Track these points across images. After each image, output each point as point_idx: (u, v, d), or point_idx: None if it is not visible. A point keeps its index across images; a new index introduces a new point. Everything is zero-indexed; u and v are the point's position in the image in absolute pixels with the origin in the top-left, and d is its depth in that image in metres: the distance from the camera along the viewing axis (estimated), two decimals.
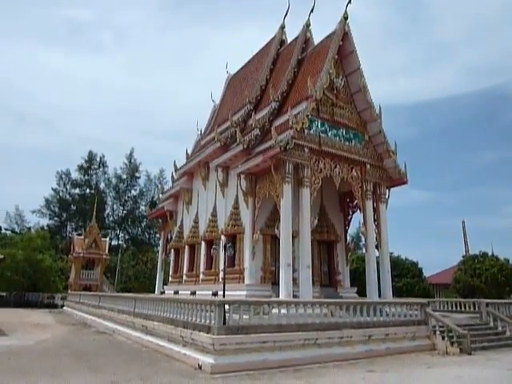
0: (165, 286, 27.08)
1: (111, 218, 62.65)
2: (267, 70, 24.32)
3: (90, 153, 63.91)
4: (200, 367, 8.31)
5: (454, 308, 20.23)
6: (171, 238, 28.20)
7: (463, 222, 50.93)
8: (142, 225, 61.91)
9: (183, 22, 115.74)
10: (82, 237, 34.43)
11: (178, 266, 25.83)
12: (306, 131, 18.00)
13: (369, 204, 19.59)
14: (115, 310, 16.03)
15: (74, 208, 60.25)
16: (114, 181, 64.30)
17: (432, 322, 12.13)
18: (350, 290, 21.22)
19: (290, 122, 17.29)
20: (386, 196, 20.59)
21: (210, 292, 18.43)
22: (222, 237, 20.73)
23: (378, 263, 19.50)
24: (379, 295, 19.06)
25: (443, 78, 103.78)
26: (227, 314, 8.73)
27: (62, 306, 29.82)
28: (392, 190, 21.21)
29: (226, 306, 8.76)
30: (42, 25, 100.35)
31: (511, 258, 31.24)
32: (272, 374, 8.08)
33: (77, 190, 62.03)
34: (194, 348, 8.95)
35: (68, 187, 62.21)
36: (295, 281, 16.74)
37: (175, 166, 26.59)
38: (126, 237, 62.25)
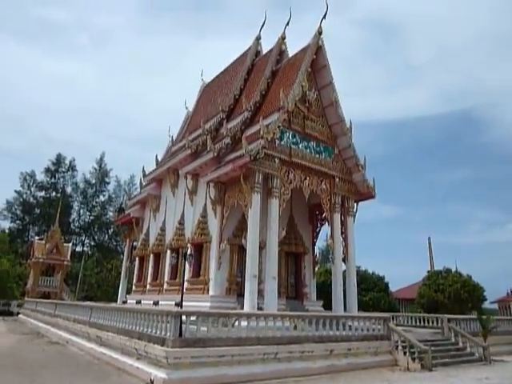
0: (127, 296, 26.17)
1: (77, 224, 60.55)
2: (241, 80, 24.28)
3: (59, 155, 61.95)
4: (152, 382, 7.85)
5: (418, 323, 20.44)
6: (136, 245, 27.38)
7: (429, 238, 52.07)
8: (110, 231, 60.13)
9: (163, 28, 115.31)
10: (43, 241, 32.94)
11: (142, 275, 25.05)
12: (277, 142, 17.94)
13: (337, 217, 19.65)
14: (70, 320, 15.19)
15: (38, 211, 57.90)
16: (82, 185, 62.41)
17: (395, 337, 12.09)
18: (316, 303, 21.12)
19: (261, 132, 17.18)
20: (354, 209, 20.74)
21: (173, 302, 17.86)
22: (189, 246, 20.26)
23: (345, 277, 19.52)
24: (345, 309, 19.03)
25: (415, 98, 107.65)
26: (184, 326, 8.33)
27: (18, 314, 28.24)
28: (361, 204, 21.42)
29: (184, 317, 8.36)
30: (16, 22, 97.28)
31: (474, 274, 32.11)
32: None
33: (42, 193, 59.80)
34: (148, 361, 8.47)
35: (32, 189, 59.90)
36: (261, 292, 16.48)
37: (144, 171, 25.96)
38: (92, 243, 60.23)
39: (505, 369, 11.74)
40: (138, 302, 22.54)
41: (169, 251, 22.04)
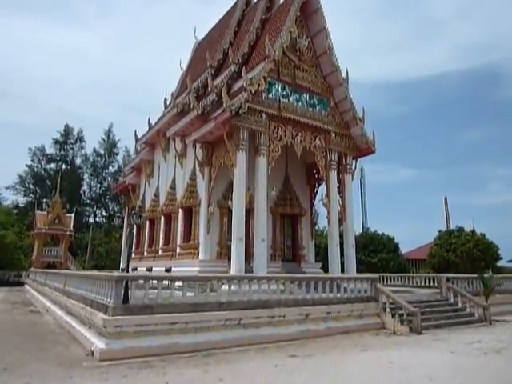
0: (130, 263, 25.91)
1: (88, 195, 60.91)
2: (231, 33, 22.57)
3: (67, 126, 61.45)
4: (92, 353, 7.18)
5: (423, 283, 19.49)
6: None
7: (445, 198, 50.34)
8: (121, 202, 60.30)
9: None
10: (45, 212, 32.96)
11: (139, 242, 24.68)
12: (263, 95, 16.57)
13: (333, 175, 18.41)
14: (52, 288, 14.86)
15: (49, 184, 58.27)
16: (91, 157, 62.23)
17: (383, 298, 11.14)
18: (315, 265, 20.31)
19: (244, 84, 15.81)
20: (353, 167, 19.42)
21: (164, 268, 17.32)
22: (180, 210, 19.52)
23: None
24: (343, 271, 18.16)
25: (434, 55, 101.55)
26: (130, 292, 7.56)
27: (24, 284, 28.64)
28: (377, 167, 20.27)
29: (130, 283, 7.58)
30: None
31: (494, 234, 30.64)
32: (173, 361, 7.00)
33: (52, 166, 59.97)
34: (95, 330, 7.80)
35: (43, 163, 60.09)
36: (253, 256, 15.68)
37: (136, 136, 24.99)
38: (104, 213, 60.76)
39: (503, 330, 10.72)
40: (135, 269, 22.15)
41: (162, 217, 21.40)
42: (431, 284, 17.90)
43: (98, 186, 61.29)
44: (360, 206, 53.69)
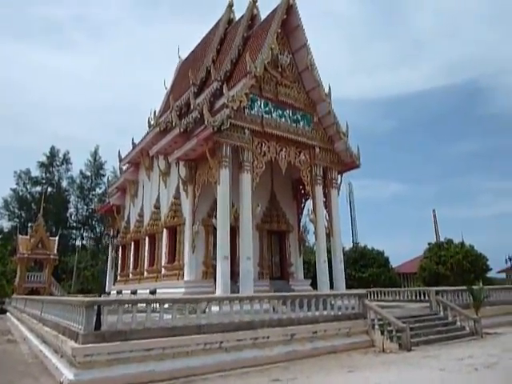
0: (112, 286, 25.23)
1: (75, 218, 59.82)
2: (214, 51, 22.68)
3: (52, 148, 60.71)
4: None
5: (414, 298, 19.21)
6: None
7: (433, 211, 50.48)
8: (107, 223, 59.32)
9: (161, 16, 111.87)
10: (28, 236, 32.14)
11: (124, 264, 24.05)
12: (246, 111, 16.51)
13: (318, 189, 18.26)
14: (30, 315, 14.22)
15: (35, 207, 57.16)
16: (78, 179, 61.43)
17: (371, 315, 10.80)
18: (304, 283, 19.93)
19: (225, 101, 15.73)
20: (338, 181, 19.32)
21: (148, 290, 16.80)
22: (164, 230, 19.10)
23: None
24: (332, 287, 17.81)
25: (419, 72, 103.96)
26: (102, 317, 7.14)
27: (6, 312, 27.61)
28: (367, 182, 20.41)
29: (102, 308, 7.16)
30: (17, 22, 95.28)
31: (483, 246, 30.58)
32: None
33: (37, 188, 58.93)
34: (66, 360, 7.32)
35: (28, 186, 59.06)
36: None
37: (119, 156, 24.66)
38: (92, 236, 59.61)
39: (495, 343, 10.42)
40: (119, 293, 21.52)
41: (147, 238, 20.91)
42: (421, 298, 17.64)
43: (85, 207, 60.28)
44: (350, 222, 53.74)
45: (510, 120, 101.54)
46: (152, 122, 21.08)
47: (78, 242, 58.32)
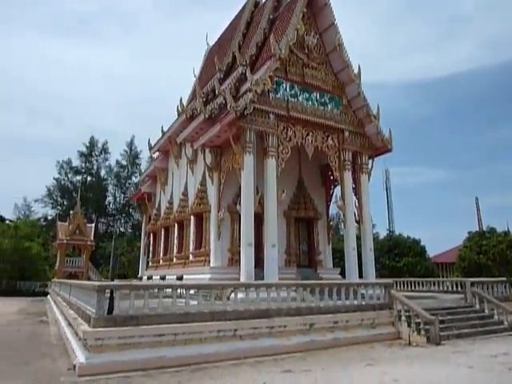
0: (144, 271, 25.83)
1: (113, 206, 61.88)
2: (240, 35, 22.25)
3: (92, 139, 62.83)
4: (74, 368, 6.76)
5: (450, 289, 18.31)
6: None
7: (476, 199, 48.14)
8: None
9: (194, 6, 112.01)
10: (67, 223, 33.50)
11: (155, 250, 24.49)
12: (271, 95, 16.05)
13: (347, 175, 17.57)
14: (62, 298, 14.71)
15: (76, 196, 59.60)
16: (115, 168, 63.36)
17: (398, 305, 10.24)
18: (333, 271, 19.40)
19: (249, 84, 15.34)
20: (369, 166, 18.51)
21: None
22: (192, 217, 19.16)
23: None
24: (361, 276, 17.25)
25: (461, 52, 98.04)
26: (115, 301, 7.11)
27: (47, 295, 29.06)
28: (407, 169, 19.29)
29: (116, 292, 7.13)
30: (51, 18, 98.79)
31: None
32: (157, 376, 6.46)
33: (78, 178, 61.30)
34: (82, 343, 7.38)
35: (69, 176, 61.55)
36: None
37: (149, 144, 24.94)
38: (129, 223, 61.54)
39: None
40: (150, 278, 21.99)
41: (176, 224, 21.11)
42: (457, 289, 16.73)
43: (122, 196, 62.17)
44: (386, 209, 52.15)
45: None
46: (179, 110, 21.08)
47: (116, 229, 60.37)
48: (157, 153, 25.82)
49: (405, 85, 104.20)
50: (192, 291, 8.50)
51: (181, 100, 19.99)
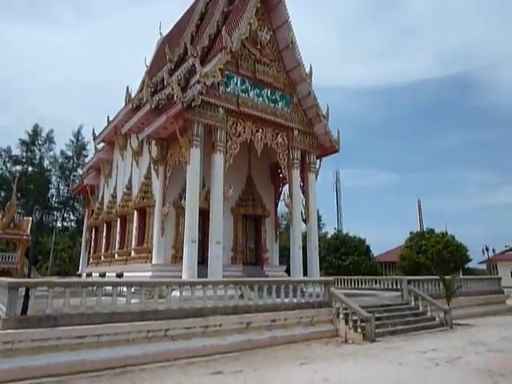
0: (85, 268, 24.51)
1: (56, 199, 58.61)
2: (193, 26, 21.63)
3: (36, 126, 59.04)
4: None
5: (390, 286, 18.90)
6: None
7: (419, 201, 50.35)
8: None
9: None
10: (0, 216, 31.13)
11: (97, 246, 23.30)
12: (221, 88, 15.68)
13: (295, 173, 17.59)
14: None
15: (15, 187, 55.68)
16: (60, 159, 60.02)
17: (336, 303, 10.30)
18: (279, 269, 19.40)
19: (198, 76, 14.88)
20: (317, 165, 18.67)
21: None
22: (135, 212, 18.35)
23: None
24: (306, 274, 17.35)
25: (412, 62, 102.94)
26: (30, 301, 6.47)
27: None
28: (356, 171, 19.66)
29: (33, 290, 6.47)
30: None
31: (468, 237, 30.36)
32: (74, 382, 5.93)
33: (18, 168, 57.42)
34: None
35: (8, 165, 57.53)
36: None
37: (94, 134, 23.66)
38: (72, 218, 58.59)
39: (463, 335, 10.02)
40: (89, 275, 20.86)
41: (118, 219, 20.15)
42: (397, 287, 17.31)
43: (66, 188, 59.03)
44: (335, 210, 53.55)
45: (500, 113, 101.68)
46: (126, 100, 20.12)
47: (59, 224, 57.31)
48: (102, 144, 24.59)
49: (361, 90, 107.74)
50: (124, 289, 7.97)
51: (127, 89, 19.09)
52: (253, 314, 8.68)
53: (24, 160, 57.80)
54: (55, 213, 58.48)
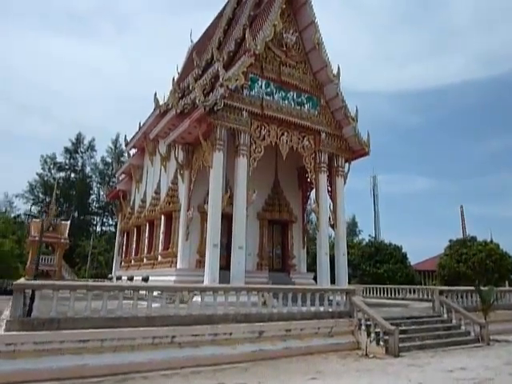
0: (117, 272, 25.02)
1: (96, 204, 60.78)
2: (221, 32, 21.70)
3: (79, 135, 61.66)
4: None
5: (426, 297, 17.88)
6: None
7: (461, 207, 47.91)
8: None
9: (186, 6, 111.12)
10: (40, 220, 32.52)
11: (128, 250, 23.73)
12: (245, 92, 15.53)
13: (322, 178, 17.07)
14: None
15: (59, 192, 58.39)
16: (100, 165, 62.31)
17: (358, 313, 9.69)
18: (306, 276, 18.89)
19: (221, 79, 14.79)
20: (346, 169, 18.02)
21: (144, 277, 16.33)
22: (162, 216, 18.50)
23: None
24: (334, 281, 16.74)
25: (453, 64, 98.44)
26: (35, 303, 6.47)
27: None
28: (396, 177, 18.87)
29: (36, 291, 6.47)
30: (42, 11, 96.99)
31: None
32: None
33: (61, 174, 60.16)
34: None
35: (53, 172, 60.33)
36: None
37: (126, 140, 24.24)
38: (111, 222, 60.43)
39: (499, 353, 9.09)
40: (119, 278, 21.23)
41: (147, 224, 20.41)
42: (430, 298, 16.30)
43: (105, 194, 61.15)
44: (373, 216, 51.94)
45: None
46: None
47: (99, 228, 59.34)
48: (134, 150, 25.16)
49: (397, 94, 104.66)
50: (142, 292, 7.87)
51: (155, 95, 19.36)
52: (266, 323, 8.30)
53: (67, 167, 60.43)
54: (95, 217, 60.57)
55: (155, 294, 8.38)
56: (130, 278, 18.87)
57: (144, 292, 7.88)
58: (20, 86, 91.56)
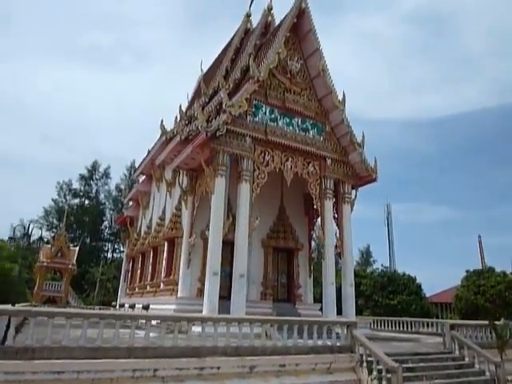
0: (121, 299, 24.64)
1: (108, 231, 61.06)
2: (228, 61, 22.06)
3: (95, 163, 62.87)
4: None
5: (440, 331, 16.92)
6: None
7: (479, 237, 46.43)
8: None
9: (205, 38, 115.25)
10: (50, 245, 32.66)
11: (133, 277, 23.43)
12: (249, 118, 15.53)
13: (328, 204, 16.67)
14: None
15: (72, 219, 59.00)
16: (114, 192, 63.06)
17: (360, 349, 9.07)
18: (313, 307, 18.18)
19: (223, 105, 14.82)
20: (352, 196, 17.59)
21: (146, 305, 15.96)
22: (165, 243, 18.25)
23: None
24: (341, 313, 16.02)
25: (469, 92, 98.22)
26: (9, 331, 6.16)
27: None
28: (411, 205, 18.51)
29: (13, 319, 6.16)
30: (69, 49, 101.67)
31: None
32: None
33: (76, 201, 60.99)
34: None
35: (68, 198, 61.27)
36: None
37: (134, 167, 24.36)
38: (122, 249, 60.43)
39: None
40: (122, 306, 20.86)
41: (151, 250, 20.16)
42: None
43: None
44: (387, 245, 50.55)
45: None
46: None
47: (110, 255, 59.34)
48: (142, 176, 25.30)
49: (411, 122, 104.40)
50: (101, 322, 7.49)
51: (161, 122, 19.53)
52: (258, 357, 7.77)
53: (81, 193, 61.30)
54: (107, 244, 60.72)
55: (153, 322, 8.03)
56: (132, 306, 18.48)
57: (143, 321, 7.56)
58: (43, 117, 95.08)
